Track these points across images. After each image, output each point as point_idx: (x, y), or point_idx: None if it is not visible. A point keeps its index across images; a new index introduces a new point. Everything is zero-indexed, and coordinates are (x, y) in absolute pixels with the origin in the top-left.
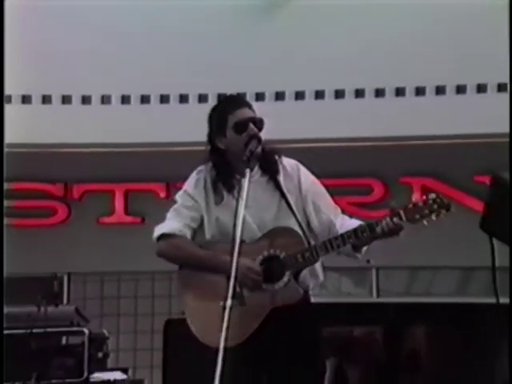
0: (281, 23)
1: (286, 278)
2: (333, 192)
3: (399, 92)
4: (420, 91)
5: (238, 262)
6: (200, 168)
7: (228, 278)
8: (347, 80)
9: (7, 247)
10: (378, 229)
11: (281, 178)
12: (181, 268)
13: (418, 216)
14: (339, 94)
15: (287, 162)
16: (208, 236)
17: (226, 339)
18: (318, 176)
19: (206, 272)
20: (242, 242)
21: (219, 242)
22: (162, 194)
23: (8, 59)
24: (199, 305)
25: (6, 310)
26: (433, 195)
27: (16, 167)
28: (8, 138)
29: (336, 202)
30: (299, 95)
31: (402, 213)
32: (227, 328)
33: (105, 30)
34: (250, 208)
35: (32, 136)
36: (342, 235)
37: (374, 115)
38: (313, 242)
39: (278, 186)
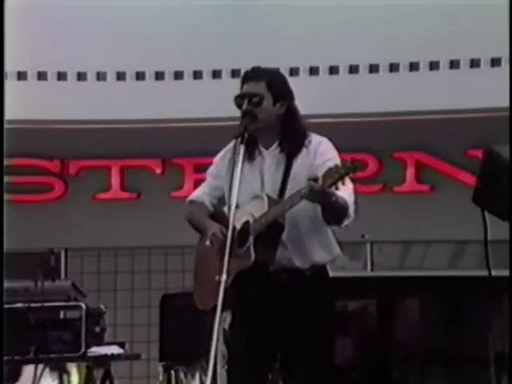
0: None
1: (248, 244)
2: None
3: (393, 68)
4: (414, 67)
5: (232, 238)
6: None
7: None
8: (342, 56)
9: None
10: (302, 193)
11: (300, 156)
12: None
13: (329, 180)
14: (333, 71)
15: (314, 139)
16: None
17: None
18: None
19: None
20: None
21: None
22: (158, 170)
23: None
24: (201, 274)
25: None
26: (348, 161)
27: (13, 143)
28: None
29: None
30: (293, 71)
31: (319, 178)
32: (222, 300)
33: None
34: (267, 180)
35: (29, 112)
36: (283, 202)
37: (367, 91)
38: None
39: (288, 166)
